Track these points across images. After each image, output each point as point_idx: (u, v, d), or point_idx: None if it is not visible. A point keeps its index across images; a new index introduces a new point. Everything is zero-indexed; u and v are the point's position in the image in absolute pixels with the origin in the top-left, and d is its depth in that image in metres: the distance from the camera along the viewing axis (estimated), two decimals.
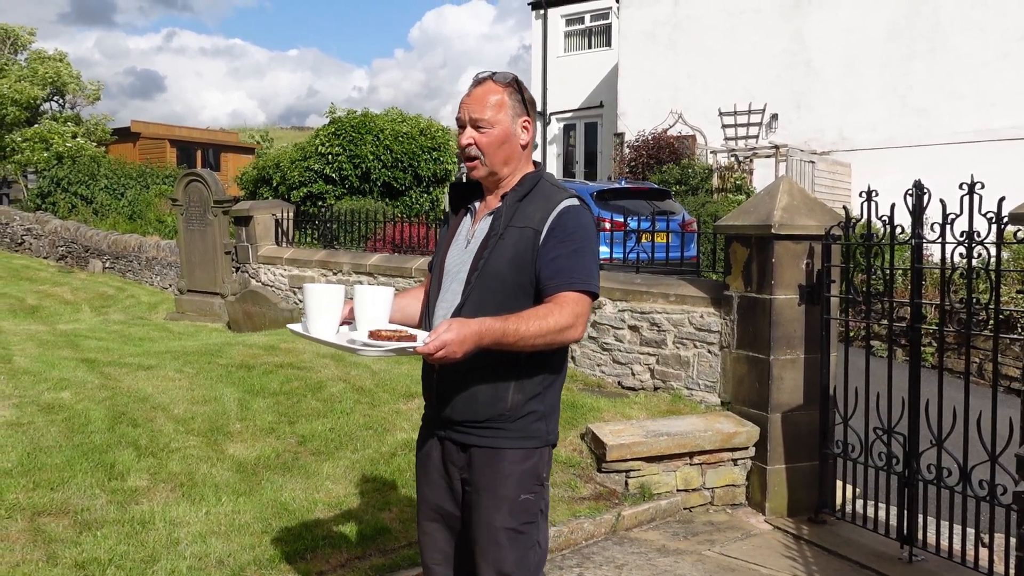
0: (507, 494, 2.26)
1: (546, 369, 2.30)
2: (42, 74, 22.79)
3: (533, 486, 2.29)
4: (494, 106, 2.29)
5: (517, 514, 2.27)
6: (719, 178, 15.72)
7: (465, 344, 2.03)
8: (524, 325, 2.12)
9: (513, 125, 2.31)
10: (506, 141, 2.30)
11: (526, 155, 2.38)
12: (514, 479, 2.27)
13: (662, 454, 4.96)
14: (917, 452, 4.39)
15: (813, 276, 5.08)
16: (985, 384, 7.40)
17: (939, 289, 4.39)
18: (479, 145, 2.29)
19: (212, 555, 3.69)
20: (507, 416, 2.27)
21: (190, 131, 30.82)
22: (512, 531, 2.26)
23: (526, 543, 2.28)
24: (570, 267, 2.21)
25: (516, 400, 2.27)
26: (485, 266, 2.27)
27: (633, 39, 19.23)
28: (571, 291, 2.20)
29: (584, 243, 2.24)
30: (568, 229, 2.24)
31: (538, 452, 2.30)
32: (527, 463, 2.29)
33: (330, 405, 5.50)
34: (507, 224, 2.27)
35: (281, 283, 9.74)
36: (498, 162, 2.32)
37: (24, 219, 17.36)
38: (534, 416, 2.29)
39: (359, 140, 15.22)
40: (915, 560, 4.36)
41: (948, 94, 15.23)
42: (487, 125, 2.28)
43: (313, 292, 2.23)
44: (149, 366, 6.15)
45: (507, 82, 2.32)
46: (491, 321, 2.09)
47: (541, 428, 2.31)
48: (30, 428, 4.77)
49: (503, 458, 2.27)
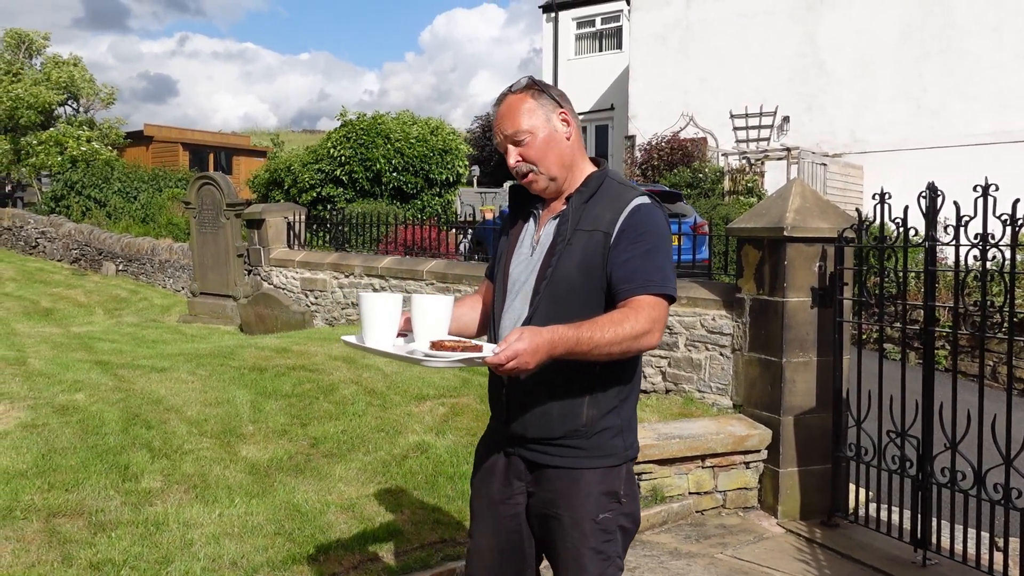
0: (586, 515, 2.16)
1: (621, 380, 2.18)
2: (56, 78, 22.96)
3: (611, 504, 2.18)
4: (525, 113, 2.18)
5: (596, 534, 2.17)
6: (730, 181, 15.70)
7: (538, 354, 1.90)
8: (599, 332, 1.98)
9: (551, 124, 2.19)
10: (551, 142, 2.19)
11: (578, 149, 2.25)
12: (592, 500, 2.16)
13: (674, 457, 4.95)
14: (931, 455, 4.37)
15: (826, 279, 5.06)
16: (999, 387, 7.36)
17: (953, 292, 4.37)
18: (527, 158, 2.18)
19: (225, 556, 3.70)
20: (582, 433, 2.15)
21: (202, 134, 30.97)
22: (592, 551, 2.17)
23: (605, 562, 2.19)
24: (644, 269, 2.08)
25: (591, 415, 2.15)
26: (554, 274, 2.15)
27: (644, 42, 19.22)
28: (647, 295, 2.07)
29: (658, 243, 2.12)
30: (640, 229, 2.11)
31: (615, 470, 2.19)
32: (605, 483, 2.18)
33: (342, 407, 5.52)
34: (575, 228, 2.15)
35: (293, 286, 9.78)
36: (553, 166, 2.20)
37: (38, 222, 17.49)
38: (611, 432, 2.18)
39: (370, 143, 15.26)
40: (929, 564, 4.34)
41: (962, 95, 15.15)
42: (526, 135, 2.18)
43: (370, 301, 2.11)
44: (162, 368, 6.19)
45: (525, 87, 2.21)
46: (564, 329, 1.95)
47: (619, 444, 2.19)
48: (45, 429, 4.80)
49: (580, 478, 2.16)
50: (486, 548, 2.33)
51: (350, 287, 9.06)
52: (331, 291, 9.29)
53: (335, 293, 9.24)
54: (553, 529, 2.21)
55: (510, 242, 2.33)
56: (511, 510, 2.28)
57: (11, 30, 24.11)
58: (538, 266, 2.20)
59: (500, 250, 2.37)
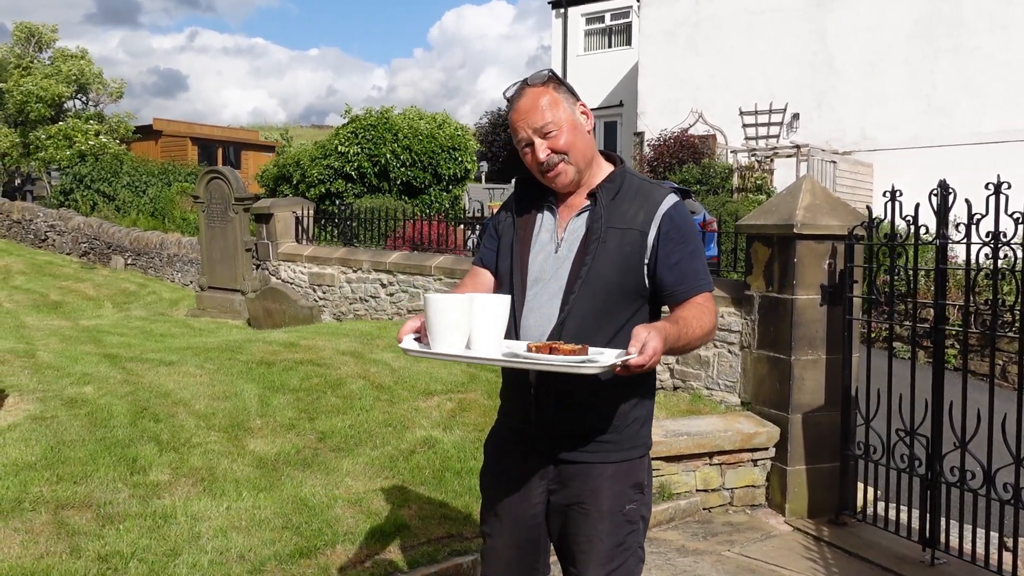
0: (615, 507, 2.17)
1: (648, 378, 2.23)
2: (66, 72, 23.01)
3: (635, 495, 2.21)
4: (550, 106, 2.14)
5: (622, 525, 2.18)
6: (739, 178, 15.65)
7: (661, 350, 1.90)
8: (690, 327, 2.04)
9: (575, 116, 2.18)
10: (577, 134, 2.17)
11: (594, 144, 2.25)
12: (621, 492, 2.18)
13: (681, 454, 4.94)
14: (940, 454, 4.35)
15: (835, 276, 5.04)
16: (1009, 387, 7.32)
17: (963, 290, 4.35)
18: (557, 149, 2.15)
19: (233, 550, 3.71)
20: (616, 427, 2.17)
21: (211, 129, 31.01)
22: (617, 545, 2.18)
23: (628, 552, 2.20)
24: (694, 270, 2.15)
25: (624, 408, 2.17)
26: (589, 272, 2.12)
27: (653, 38, 19.17)
28: (701, 293, 2.15)
29: (698, 242, 2.20)
30: (683, 231, 2.16)
31: (641, 461, 2.22)
32: (632, 475, 2.20)
33: (350, 402, 5.52)
34: (606, 226, 2.15)
35: (301, 280, 9.79)
36: (581, 159, 2.18)
37: (48, 216, 17.55)
38: (638, 423, 2.21)
39: (377, 138, 15.26)
40: (937, 563, 4.32)
41: (972, 93, 15.07)
42: (554, 127, 2.14)
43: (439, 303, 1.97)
44: (170, 362, 6.20)
45: (545, 80, 2.18)
46: (668, 325, 1.99)
47: (644, 434, 2.23)
48: (54, 422, 4.82)
49: (609, 472, 2.17)
50: (503, 547, 2.32)
51: (358, 282, 9.07)
52: (339, 286, 9.30)
53: (343, 288, 9.25)
54: (578, 522, 2.19)
55: (522, 235, 2.26)
56: (531, 510, 2.26)
57: (20, 24, 24.15)
58: (569, 263, 2.16)
59: (506, 242, 2.31)
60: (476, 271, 2.41)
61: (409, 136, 15.38)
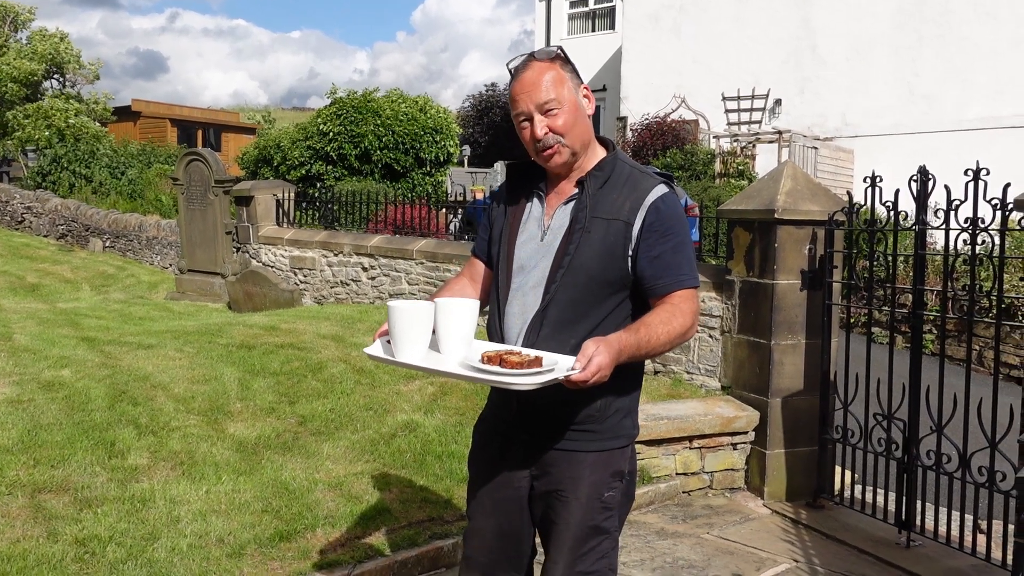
0: (593, 494, 2.17)
1: (632, 364, 2.11)
2: (41, 51, 22.68)
3: (615, 482, 2.21)
4: (554, 83, 2.10)
5: (599, 511, 2.18)
6: (722, 163, 15.66)
7: (613, 364, 1.91)
8: (655, 334, 2.01)
9: (578, 97, 2.15)
10: (578, 116, 2.13)
11: (591, 128, 2.21)
12: (599, 480, 2.18)
13: (662, 438, 4.97)
14: (917, 438, 4.39)
15: (815, 261, 5.07)
16: (986, 372, 7.40)
17: (942, 276, 4.38)
18: (555, 129, 2.10)
19: (212, 533, 3.70)
20: (596, 418, 2.16)
21: (191, 110, 30.71)
22: (592, 527, 2.18)
23: (603, 535, 2.21)
24: (677, 264, 2.09)
25: (605, 400, 2.15)
26: (571, 262, 2.10)
27: (637, 22, 19.11)
28: (683, 289, 2.09)
29: (684, 235, 2.12)
30: (667, 223, 2.10)
31: (623, 451, 2.22)
32: (612, 463, 2.20)
33: (331, 386, 5.51)
34: (593, 215, 2.11)
35: (282, 263, 9.73)
36: (578, 142, 2.14)
37: (24, 197, 17.33)
38: (620, 414, 2.20)
39: (360, 120, 15.16)
40: (913, 545, 4.37)
41: (956, 81, 15.14)
42: (556, 105, 2.09)
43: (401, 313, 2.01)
44: (149, 345, 6.15)
45: (553, 56, 2.13)
46: (626, 335, 1.97)
47: (627, 425, 2.22)
48: (30, 405, 4.77)
49: (589, 460, 2.17)
50: (485, 529, 2.33)
51: (339, 265, 9.02)
52: (320, 269, 9.25)
53: (324, 271, 9.21)
54: (557, 509, 2.20)
55: (511, 222, 2.25)
56: (514, 494, 2.27)
57: None
58: (553, 252, 2.14)
59: (497, 230, 2.30)
60: (472, 261, 2.43)
61: (392, 118, 15.29)
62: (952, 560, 4.17)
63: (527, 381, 1.86)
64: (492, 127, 26.93)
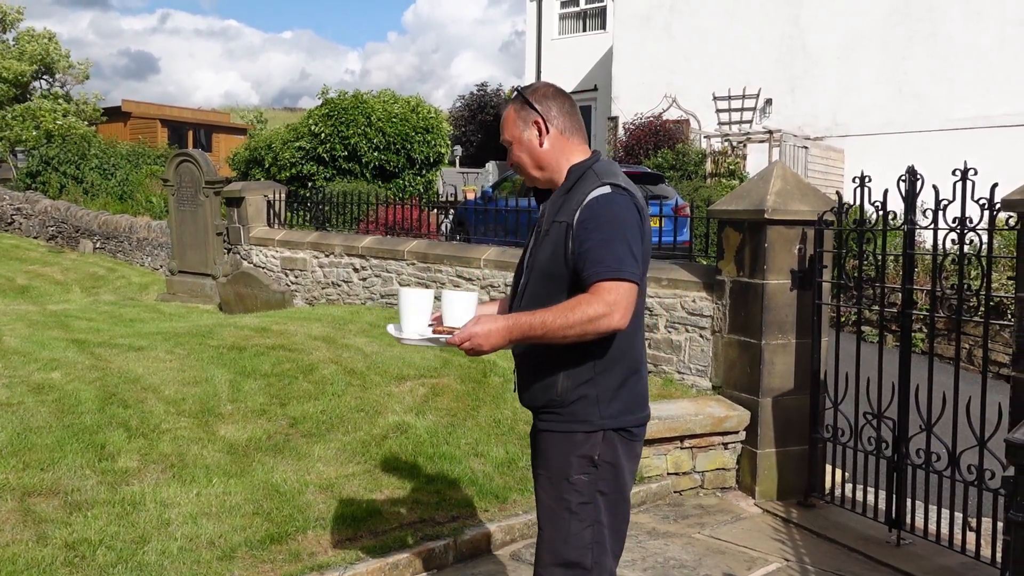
0: (561, 474, 2.34)
1: (595, 356, 2.31)
2: (31, 52, 22.56)
3: (586, 467, 2.33)
4: (508, 124, 2.47)
5: (571, 494, 2.33)
6: (712, 163, 15.70)
7: (491, 338, 2.18)
8: (551, 319, 2.18)
9: (525, 132, 2.44)
10: (527, 148, 2.45)
11: (561, 148, 2.44)
12: (567, 461, 2.33)
13: (653, 438, 4.98)
14: (906, 437, 4.41)
15: (805, 261, 5.08)
16: (975, 370, 7.44)
17: (931, 275, 4.40)
18: (514, 161, 2.49)
19: (203, 536, 3.69)
20: (559, 402, 2.35)
21: (181, 111, 30.56)
22: (567, 510, 2.33)
23: (580, 522, 2.33)
24: (600, 257, 2.21)
25: (566, 386, 2.33)
26: (534, 262, 2.40)
27: (628, 22, 19.13)
28: (602, 280, 2.19)
29: (613, 231, 2.23)
30: (597, 219, 2.25)
31: (591, 436, 2.33)
32: (579, 447, 2.33)
33: (322, 387, 5.50)
34: (552, 220, 2.35)
35: (273, 265, 9.71)
36: (532, 168, 2.47)
37: (14, 198, 17.24)
38: (587, 401, 2.34)
39: (351, 121, 15.13)
40: (903, 544, 4.39)
41: (945, 80, 15.19)
42: (511, 141, 2.48)
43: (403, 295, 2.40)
44: (140, 347, 6.13)
45: (512, 98, 2.51)
46: (522, 316, 2.22)
47: (594, 412, 2.34)
48: (20, 408, 4.75)
49: (558, 441, 2.35)
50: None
51: (330, 266, 9.01)
52: (311, 270, 9.24)
53: (315, 272, 9.19)
54: (537, 486, 2.44)
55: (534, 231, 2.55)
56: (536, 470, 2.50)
57: None
58: (527, 255, 2.47)
59: None
60: None
61: (383, 119, 15.26)
62: (942, 558, 4.19)
63: (411, 341, 2.34)
64: (483, 127, 26.91)
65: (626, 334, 2.31)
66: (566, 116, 2.45)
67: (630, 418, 2.40)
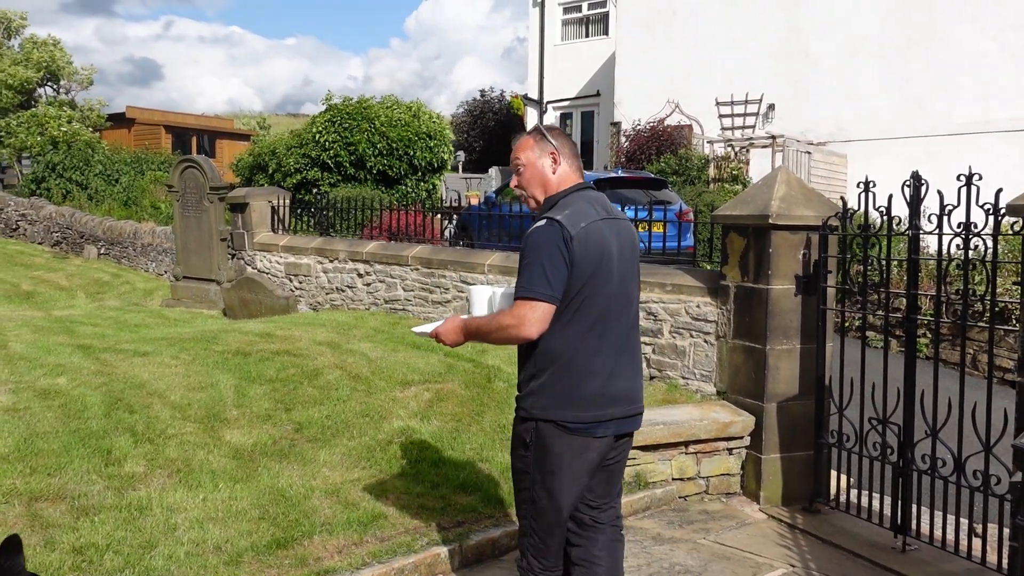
0: (512, 446, 2.91)
1: (537, 359, 2.79)
2: (36, 59, 22.62)
3: (520, 450, 2.84)
4: (526, 148, 2.88)
5: (515, 471, 2.91)
6: (715, 168, 15.70)
7: (450, 335, 2.87)
8: (483, 324, 2.80)
9: (541, 159, 2.87)
10: (534, 172, 2.88)
11: (560, 180, 2.87)
12: (513, 438, 2.90)
13: (658, 443, 4.98)
14: (912, 442, 4.41)
15: (810, 266, 5.09)
16: (980, 375, 7.43)
17: (935, 280, 4.40)
18: (519, 183, 2.90)
19: (209, 541, 3.70)
20: (520, 394, 2.86)
21: (185, 117, 30.62)
22: (515, 471, 2.90)
23: (519, 494, 2.90)
24: (520, 279, 2.70)
25: (521, 380, 2.86)
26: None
27: (630, 28, 19.16)
28: (518, 298, 2.70)
29: (531, 258, 2.68)
30: (526, 248, 2.72)
31: (526, 424, 2.81)
32: (518, 430, 2.85)
33: (326, 392, 5.51)
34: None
35: (277, 270, 9.73)
36: (537, 189, 2.88)
37: (19, 205, 17.30)
38: (531, 395, 2.81)
39: (354, 127, 15.15)
40: (908, 550, 4.38)
41: (946, 85, 15.19)
42: (520, 165, 2.89)
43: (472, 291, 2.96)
44: (145, 352, 6.15)
45: (532, 131, 2.94)
46: (470, 320, 2.86)
47: (534, 405, 2.79)
48: (26, 414, 4.77)
49: (514, 422, 2.90)
50: None
51: (334, 272, 9.02)
52: (315, 276, 9.25)
53: (319, 278, 9.20)
54: None
55: None
56: None
57: None
58: None
59: None
60: None
61: (386, 124, 15.29)
62: (948, 564, 4.19)
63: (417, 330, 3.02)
64: (486, 132, 26.94)
65: (565, 341, 2.74)
66: (570, 157, 2.89)
67: (562, 413, 2.76)
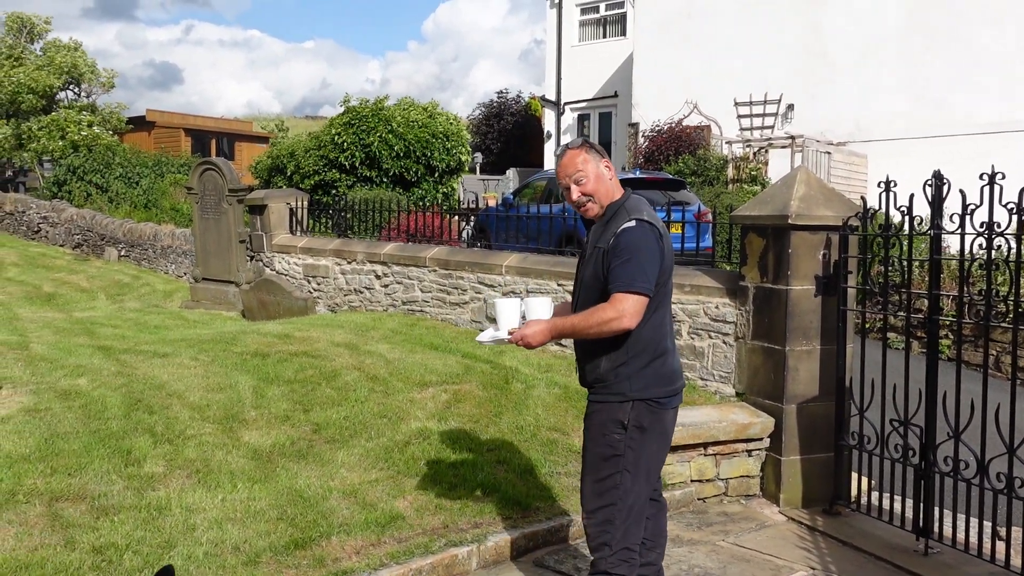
0: (598, 432, 3.05)
1: (626, 346, 2.99)
2: (59, 63, 22.85)
3: (616, 429, 3.01)
4: (581, 162, 3.09)
5: (604, 447, 3.03)
6: (734, 168, 15.63)
7: (538, 337, 3.00)
8: (579, 321, 2.97)
9: (600, 168, 3.10)
10: (600, 180, 3.09)
11: (615, 184, 3.14)
12: (603, 421, 3.04)
13: (677, 444, 4.94)
14: (934, 444, 4.36)
15: (830, 267, 5.05)
16: (1003, 377, 7.34)
17: (957, 281, 4.36)
18: (585, 192, 3.09)
19: (228, 541, 3.71)
20: (601, 378, 3.06)
21: (204, 120, 30.84)
22: (598, 456, 3.04)
23: (611, 466, 3.01)
24: (618, 274, 2.91)
25: (606, 367, 3.04)
26: (582, 277, 3.15)
27: (648, 28, 19.11)
28: (618, 292, 2.89)
29: (631, 255, 2.91)
30: (622, 247, 2.93)
31: (622, 405, 3.01)
32: (612, 412, 3.02)
33: (344, 393, 5.52)
34: (593, 246, 3.08)
35: (295, 272, 9.77)
36: (604, 198, 3.10)
37: (40, 207, 17.48)
38: (621, 378, 3.02)
39: (370, 129, 15.19)
40: (931, 553, 4.34)
41: (967, 85, 15.05)
42: (583, 176, 3.07)
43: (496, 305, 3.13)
44: (165, 353, 6.19)
45: (579, 145, 3.14)
46: (561, 320, 3.04)
47: (627, 386, 3.01)
48: (47, 414, 4.81)
49: (598, 408, 3.07)
50: None
51: (352, 273, 9.05)
52: (333, 277, 9.28)
53: (337, 279, 9.23)
54: (584, 444, 3.14)
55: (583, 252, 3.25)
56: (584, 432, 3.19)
57: (12, 14, 23.90)
58: (577, 271, 3.24)
59: None
60: None
61: (403, 125, 15.31)
62: (970, 567, 4.14)
63: (484, 340, 3.17)
64: (503, 134, 26.95)
65: (651, 327, 3.00)
66: (612, 167, 3.16)
67: (656, 391, 3.02)
